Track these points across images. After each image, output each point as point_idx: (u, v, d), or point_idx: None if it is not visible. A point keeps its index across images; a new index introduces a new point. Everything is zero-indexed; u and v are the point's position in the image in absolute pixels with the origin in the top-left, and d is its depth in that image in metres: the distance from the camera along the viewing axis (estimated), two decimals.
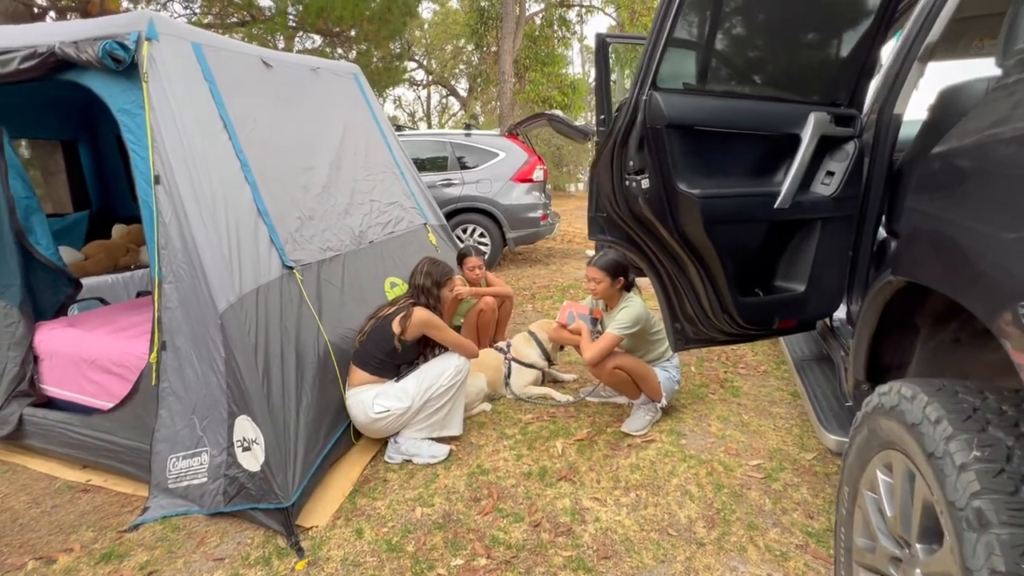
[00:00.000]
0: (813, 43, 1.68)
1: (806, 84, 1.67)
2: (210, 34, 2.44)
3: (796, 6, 1.59)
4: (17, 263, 2.49)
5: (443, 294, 2.37)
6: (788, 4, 1.58)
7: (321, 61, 3.14)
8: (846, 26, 1.64)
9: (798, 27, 1.62)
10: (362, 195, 3.05)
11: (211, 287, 1.95)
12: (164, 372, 2.09)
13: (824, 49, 1.70)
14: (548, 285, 5.10)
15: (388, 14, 7.46)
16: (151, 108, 2.07)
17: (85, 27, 2.18)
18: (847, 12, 1.64)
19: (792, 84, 1.67)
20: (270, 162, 2.43)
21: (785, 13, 1.58)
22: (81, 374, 2.35)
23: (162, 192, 2.08)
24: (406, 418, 2.21)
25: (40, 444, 2.38)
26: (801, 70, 1.68)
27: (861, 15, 1.61)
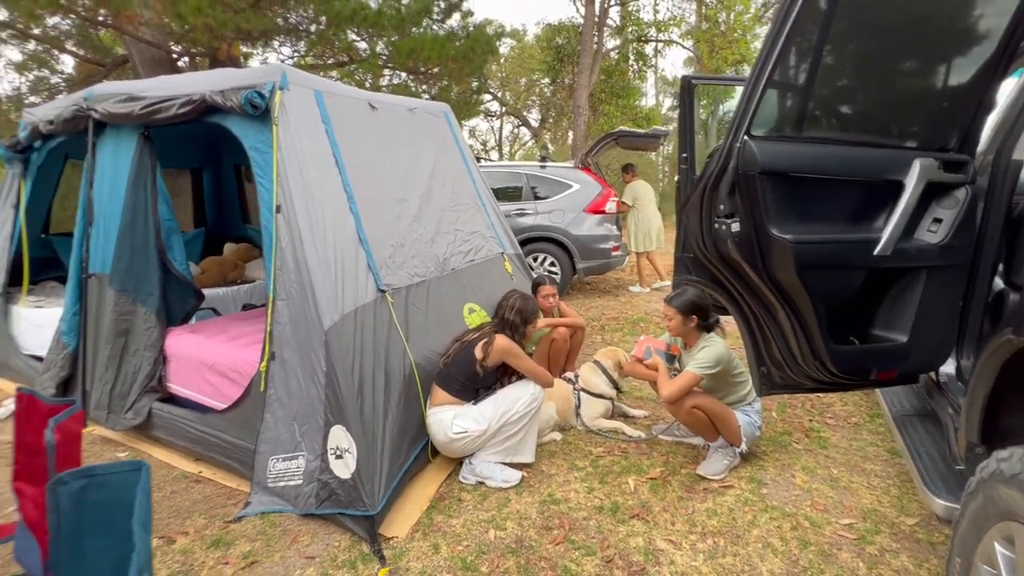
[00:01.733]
0: (923, 86, 1.64)
1: (912, 129, 1.63)
2: (328, 82, 2.76)
3: (906, 46, 1.56)
4: (157, 276, 2.89)
5: (527, 330, 2.47)
6: (898, 45, 1.54)
7: (417, 102, 3.43)
8: (961, 65, 1.58)
9: (907, 69, 1.59)
10: (447, 225, 3.25)
11: (319, 306, 2.17)
12: (272, 380, 2.33)
13: (935, 91, 1.64)
14: (617, 317, 5.08)
15: (472, 53, 7.93)
16: (279, 147, 2.37)
17: (230, 78, 2.56)
18: (963, 48, 1.58)
19: (896, 129, 1.63)
20: (370, 194, 2.67)
21: (894, 54, 1.55)
22: (201, 376, 2.67)
23: (282, 220, 2.36)
24: (482, 440, 2.30)
25: (163, 435, 2.71)
26: (908, 114, 1.64)
27: (978, 51, 1.54)
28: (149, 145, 2.94)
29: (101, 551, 0.74)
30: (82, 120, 3.01)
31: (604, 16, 10.34)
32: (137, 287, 2.86)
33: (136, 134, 2.93)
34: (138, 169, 2.91)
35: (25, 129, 3.59)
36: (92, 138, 3.02)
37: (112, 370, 2.82)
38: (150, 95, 2.71)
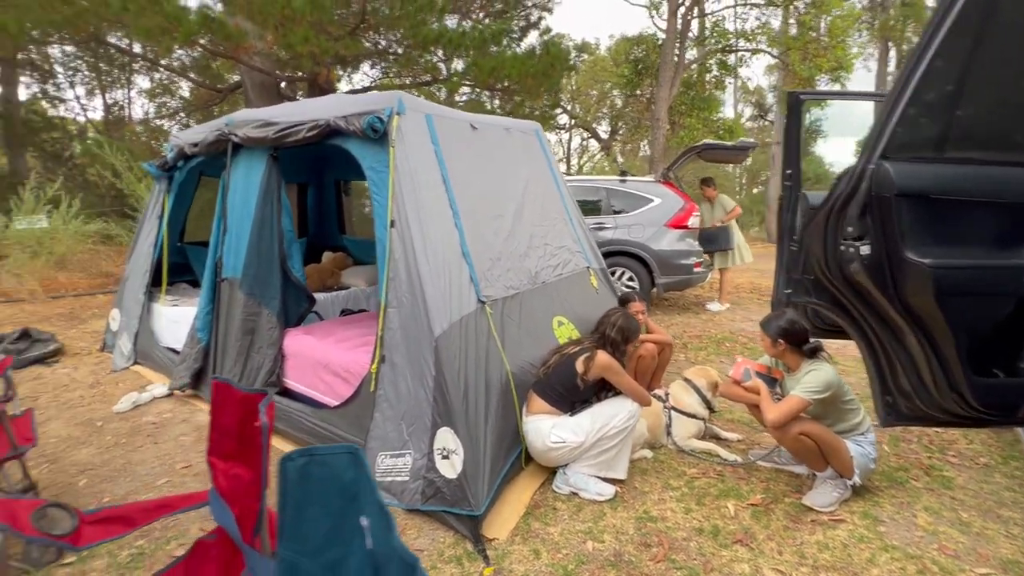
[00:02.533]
0: None
1: None
2: (436, 105, 2.96)
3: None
4: (279, 282, 3.22)
5: (628, 349, 2.50)
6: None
7: (511, 121, 3.58)
8: None
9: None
10: (538, 239, 3.35)
11: (430, 315, 2.33)
12: (381, 382, 2.51)
13: None
14: (700, 335, 4.94)
15: (551, 70, 8.09)
16: (395, 167, 2.58)
17: (351, 104, 2.82)
18: None
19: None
20: (472, 210, 2.83)
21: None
22: (316, 374, 2.92)
23: (395, 234, 2.56)
24: (578, 452, 2.34)
25: (281, 425, 2.98)
26: None
27: None
28: (276, 165, 3.30)
29: (317, 519, 0.87)
30: (223, 143, 3.43)
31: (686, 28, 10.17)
32: (262, 291, 3.19)
33: (266, 155, 3.29)
34: (267, 186, 3.27)
35: (171, 151, 4.13)
36: (230, 159, 3.43)
37: (240, 364, 3.16)
38: (282, 121, 3.05)
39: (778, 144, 15.97)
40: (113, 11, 6.70)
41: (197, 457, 2.83)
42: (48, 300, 6.53)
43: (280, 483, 0.89)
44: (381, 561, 0.68)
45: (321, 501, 0.87)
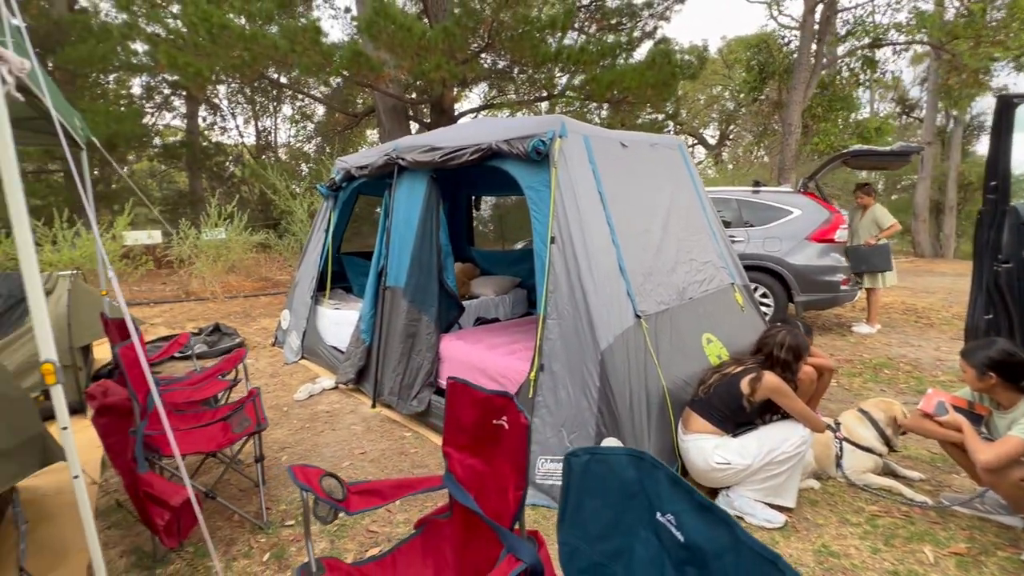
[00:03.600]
0: None
1: None
2: (591, 126, 3.09)
3: None
4: (436, 291, 3.53)
5: (798, 368, 2.41)
6: None
7: (656, 137, 3.61)
8: None
9: None
10: (684, 254, 3.33)
11: (595, 328, 2.43)
12: (540, 388, 2.66)
13: None
14: (852, 359, 4.53)
15: (671, 79, 7.95)
16: (556, 186, 2.74)
17: (514, 128, 3.02)
18: None
19: None
20: (625, 227, 2.89)
21: None
22: (471, 377, 3.14)
23: (556, 249, 2.71)
24: (743, 475, 2.29)
25: (438, 423, 3.27)
26: None
27: None
28: (436, 185, 3.63)
29: (598, 511, 0.98)
30: (390, 166, 3.86)
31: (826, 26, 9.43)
32: (422, 299, 3.53)
33: (427, 176, 3.64)
34: (427, 204, 3.61)
35: (338, 173, 4.71)
36: (395, 180, 3.85)
37: (402, 364, 3.51)
38: (445, 146, 3.36)
39: (929, 145, 14.08)
40: (282, 52, 7.80)
41: (369, 445, 3.19)
42: (225, 300, 7.71)
43: (564, 476, 1.02)
44: (710, 554, 0.76)
45: (601, 495, 0.98)
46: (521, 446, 1.23)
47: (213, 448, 2.25)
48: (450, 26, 7.51)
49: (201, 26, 7.59)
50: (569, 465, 1.00)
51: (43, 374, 1.47)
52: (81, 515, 1.62)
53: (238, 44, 7.74)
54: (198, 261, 8.00)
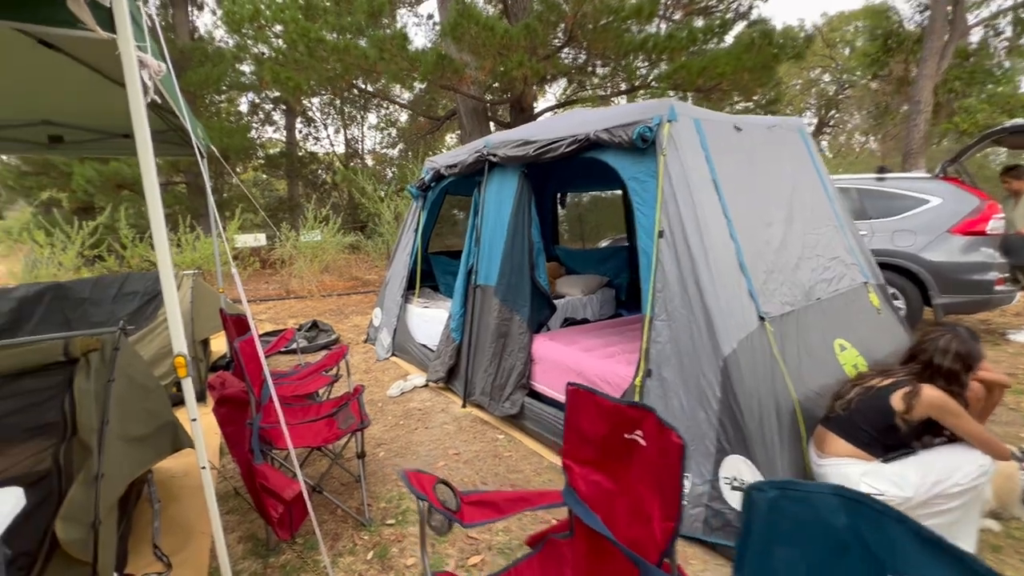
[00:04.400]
0: None
1: None
2: (703, 110, 2.81)
3: None
4: (528, 289, 3.41)
5: (968, 380, 2.01)
6: None
7: (774, 119, 3.24)
8: None
9: None
10: (808, 249, 2.95)
11: (716, 331, 2.18)
12: (647, 395, 2.45)
13: None
14: (1015, 373, 3.82)
15: (772, 61, 7.29)
16: (665, 176, 2.50)
17: (615, 116, 2.83)
18: None
19: None
20: (743, 219, 2.59)
21: None
22: (567, 378, 2.99)
23: (664, 244, 2.48)
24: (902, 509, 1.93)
25: (532, 426, 3.15)
26: None
27: None
28: (527, 181, 3.52)
29: (792, 563, 0.79)
30: (480, 163, 3.81)
31: None
32: (514, 298, 3.43)
33: (518, 172, 3.54)
34: (519, 200, 3.51)
35: (428, 173, 4.76)
36: (485, 177, 3.79)
37: (494, 365, 3.43)
38: (539, 139, 3.23)
39: None
40: (371, 61, 8.13)
41: (462, 445, 3.14)
42: (321, 298, 8.17)
43: (745, 513, 0.83)
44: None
45: (798, 543, 0.78)
46: (671, 469, 1.06)
47: (319, 443, 2.29)
48: (532, 22, 7.42)
49: (300, 41, 8.12)
50: (751, 501, 0.81)
51: (176, 367, 1.52)
52: (207, 503, 1.67)
53: (332, 56, 8.19)
54: (297, 261, 8.56)
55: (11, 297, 3.80)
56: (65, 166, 10.08)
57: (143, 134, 1.45)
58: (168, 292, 1.48)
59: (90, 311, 4.03)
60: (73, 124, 3.44)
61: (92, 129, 3.51)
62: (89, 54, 2.85)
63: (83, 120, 3.44)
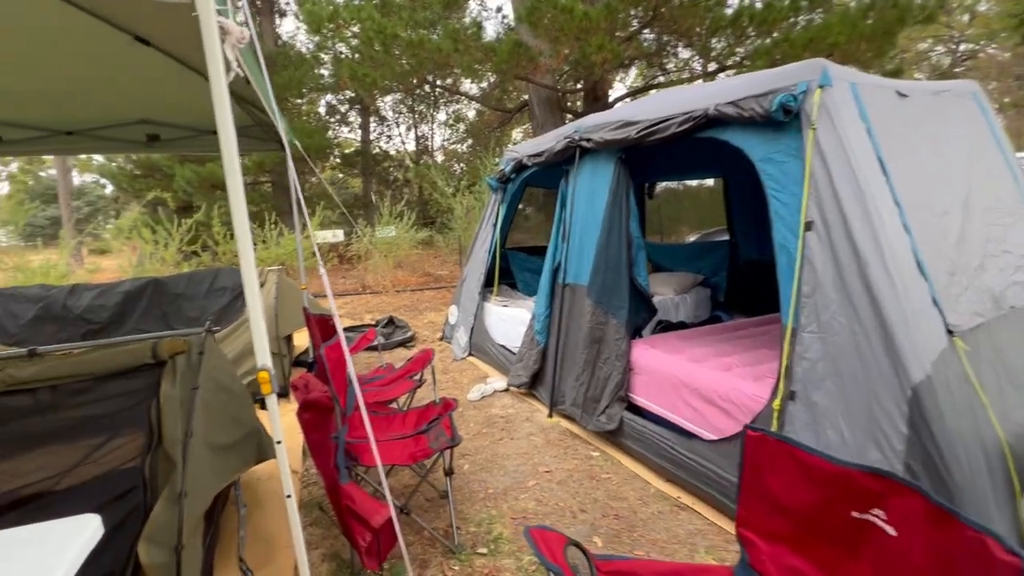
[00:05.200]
0: None
1: None
2: (858, 72, 2.29)
3: None
4: (627, 290, 3.04)
5: None
6: None
7: (943, 84, 2.63)
8: None
9: None
10: (994, 244, 2.34)
11: (898, 350, 1.70)
12: (790, 423, 2.00)
13: None
14: None
15: (894, 27, 6.32)
16: (816, 154, 2.04)
17: (744, 86, 2.37)
18: None
19: None
20: (915, 206, 2.07)
21: None
22: (678, 396, 2.60)
23: (814, 238, 2.01)
24: None
25: (633, 445, 2.78)
26: None
27: None
28: (625, 168, 3.13)
29: None
30: (570, 150, 3.46)
31: None
32: (610, 299, 3.06)
33: (614, 158, 3.16)
34: (615, 190, 3.13)
35: (508, 164, 4.48)
36: (575, 165, 3.44)
37: (587, 374, 3.10)
38: (643, 119, 2.84)
39: None
40: (444, 54, 8.01)
41: (553, 462, 2.84)
42: (395, 293, 8.21)
43: None
44: None
45: None
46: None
47: (408, 462, 2.07)
48: (613, 2, 6.94)
49: (376, 39, 8.15)
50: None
51: (259, 382, 1.33)
52: (292, 531, 1.48)
53: (406, 52, 8.17)
54: (373, 257, 8.67)
55: (117, 292, 3.98)
56: (168, 168, 10.90)
57: (224, 113, 1.25)
58: (252, 301, 1.29)
59: (184, 306, 4.15)
60: (167, 122, 3.49)
61: (184, 126, 3.55)
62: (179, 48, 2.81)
63: (176, 118, 3.48)
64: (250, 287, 1.29)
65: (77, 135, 3.36)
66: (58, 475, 1.67)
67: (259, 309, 1.30)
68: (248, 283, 1.29)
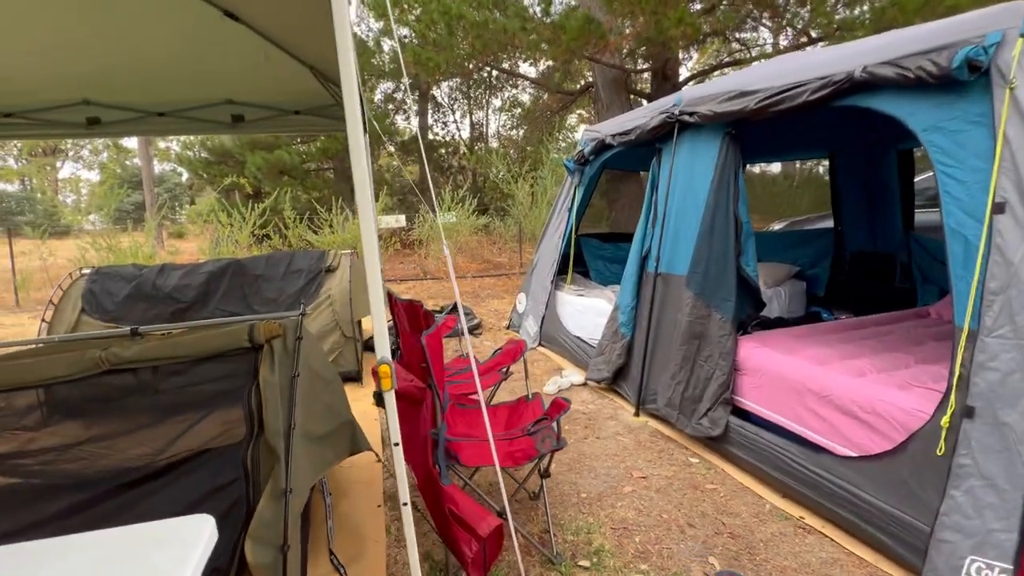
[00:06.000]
0: None
1: None
2: None
3: None
4: (733, 281, 2.73)
5: None
6: None
7: None
8: None
9: None
10: None
11: None
12: (966, 446, 1.67)
13: None
14: None
15: None
16: (1015, 119, 1.66)
17: (899, 43, 2.01)
18: None
19: None
20: None
21: None
22: (801, 403, 2.29)
23: (1009, 223, 1.65)
24: None
25: (740, 454, 2.50)
26: None
27: None
28: (735, 144, 2.80)
29: None
30: (667, 126, 3.15)
31: None
32: (714, 291, 2.77)
33: (720, 134, 2.83)
34: (722, 169, 2.81)
35: (587, 145, 4.21)
36: (672, 143, 3.13)
37: (684, 372, 2.82)
38: (762, 88, 2.50)
39: None
40: (509, 34, 7.77)
41: (647, 467, 2.61)
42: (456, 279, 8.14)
43: None
44: None
45: None
46: None
47: (510, 464, 1.90)
48: None
49: (441, 20, 8.01)
50: None
51: (380, 377, 1.18)
52: (408, 549, 1.34)
53: (471, 32, 7.99)
54: (434, 242, 8.64)
55: (201, 272, 4.06)
56: (239, 155, 11.33)
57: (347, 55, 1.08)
58: (375, 294, 1.13)
59: (263, 287, 4.19)
60: (251, 103, 3.47)
61: (267, 106, 3.52)
62: (268, 24, 2.74)
63: (259, 98, 3.46)
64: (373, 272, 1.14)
65: (168, 116, 3.40)
66: (157, 455, 1.61)
67: (381, 301, 1.15)
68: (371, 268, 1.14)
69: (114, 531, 1.07)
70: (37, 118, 3.20)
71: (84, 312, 3.59)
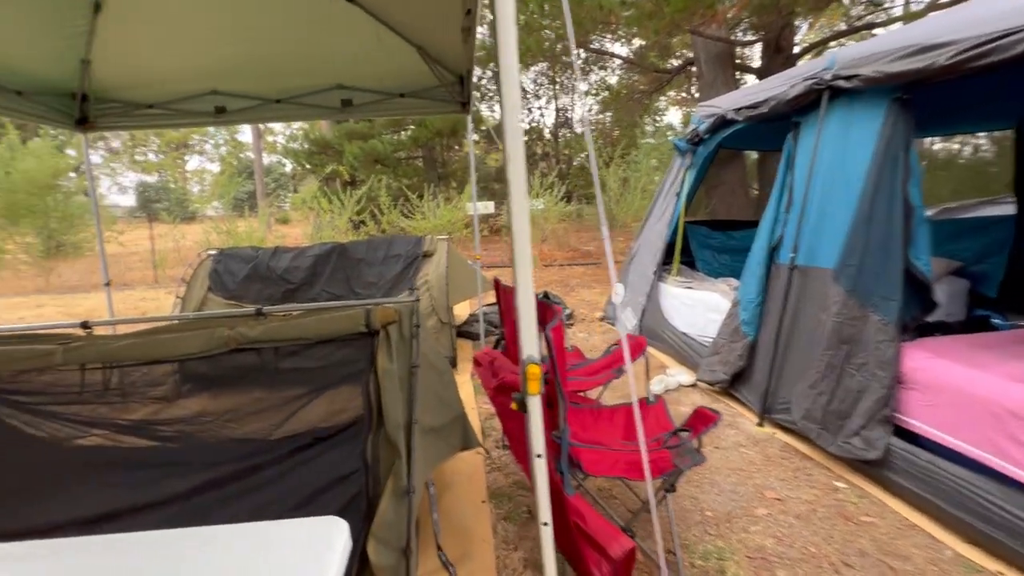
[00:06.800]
0: None
1: None
2: None
3: None
4: (899, 277, 2.28)
5: None
6: None
7: None
8: None
9: None
10: None
11: None
12: None
13: None
14: None
15: None
16: None
17: None
18: None
19: None
20: None
21: None
22: (1001, 429, 1.84)
23: None
24: None
25: (907, 484, 2.09)
26: None
27: None
28: (906, 112, 2.32)
29: None
30: (813, 94, 2.71)
31: None
32: (872, 288, 2.34)
33: (885, 102, 2.36)
34: (887, 143, 2.34)
35: (702, 122, 3.80)
36: (821, 114, 2.69)
37: (828, 381, 2.43)
38: (964, 38, 2.01)
39: None
40: (606, 9, 7.35)
41: (781, 487, 2.27)
42: (543, 267, 7.99)
43: None
44: None
45: None
46: None
47: (639, 478, 1.69)
48: None
49: (531, 1, 7.78)
50: None
51: (528, 378, 1.02)
52: (544, 561, 1.19)
53: None
54: None
55: (308, 255, 4.23)
56: (338, 145, 11.95)
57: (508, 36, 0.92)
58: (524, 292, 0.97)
59: (364, 271, 4.29)
60: (360, 87, 3.49)
61: (375, 91, 3.53)
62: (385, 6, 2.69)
63: (368, 82, 3.47)
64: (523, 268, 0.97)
65: (284, 103, 3.52)
66: (275, 431, 1.60)
67: (531, 298, 0.99)
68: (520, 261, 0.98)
69: (250, 526, 1.03)
70: (174, 108, 3.44)
71: (210, 290, 3.86)
